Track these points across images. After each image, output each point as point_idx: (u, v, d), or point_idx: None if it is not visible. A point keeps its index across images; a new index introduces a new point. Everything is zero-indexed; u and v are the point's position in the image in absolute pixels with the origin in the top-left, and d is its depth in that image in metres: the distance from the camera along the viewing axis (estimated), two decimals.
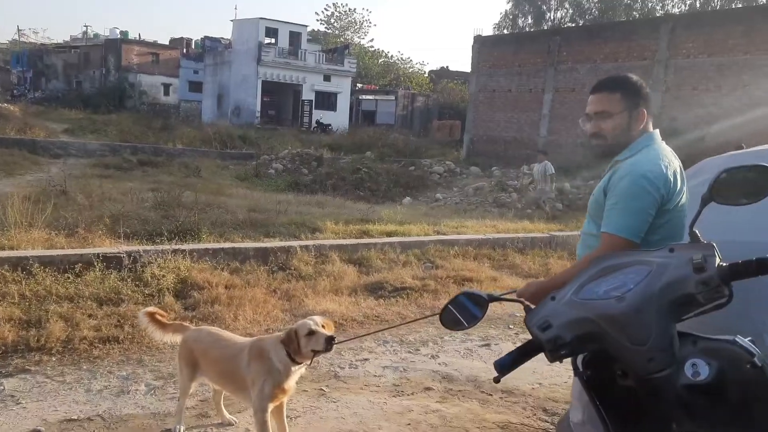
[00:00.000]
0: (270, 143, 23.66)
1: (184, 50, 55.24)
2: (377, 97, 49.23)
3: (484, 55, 26.89)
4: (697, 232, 1.68)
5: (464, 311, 1.95)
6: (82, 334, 4.62)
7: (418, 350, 5.12)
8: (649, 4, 47.55)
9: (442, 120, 41.14)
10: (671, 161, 2.18)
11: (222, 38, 49.71)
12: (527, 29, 45.27)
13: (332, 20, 64.41)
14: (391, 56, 64.40)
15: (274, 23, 39.77)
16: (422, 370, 4.70)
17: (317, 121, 38.44)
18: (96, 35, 59.42)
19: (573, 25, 42.40)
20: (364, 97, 50.77)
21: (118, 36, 54.21)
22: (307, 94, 40.31)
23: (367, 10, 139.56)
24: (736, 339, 1.52)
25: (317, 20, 69.26)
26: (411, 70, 63.24)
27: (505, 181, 16.17)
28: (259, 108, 38.42)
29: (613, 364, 1.63)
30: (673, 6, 46.43)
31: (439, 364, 4.86)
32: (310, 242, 7.40)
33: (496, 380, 1.78)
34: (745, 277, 1.51)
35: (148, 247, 6.31)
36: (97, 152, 18.22)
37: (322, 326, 2.96)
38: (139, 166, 16.23)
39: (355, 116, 47.54)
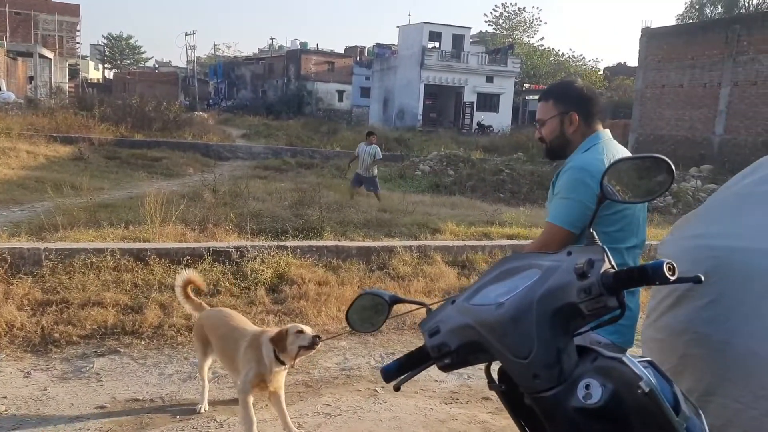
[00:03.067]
0: (425, 145, 23.90)
1: (358, 58, 57.87)
2: None
3: (653, 48, 24.80)
4: (593, 232, 1.43)
5: (369, 312, 1.82)
6: (173, 321, 5.00)
7: None
8: None
9: (615, 119, 38.62)
10: (617, 156, 2.21)
11: (392, 45, 51.38)
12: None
13: (500, 21, 63.49)
14: (562, 54, 61.95)
15: (437, 27, 40.16)
16: None
17: (478, 123, 38.13)
18: (280, 47, 64.54)
19: None
20: (530, 97, 49.41)
21: (299, 47, 58.31)
22: (469, 96, 40.14)
23: (537, 8, 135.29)
24: (623, 358, 1.27)
25: (485, 21, 68.45)
26: (583, 68, 60.32)
27: None
28: (421, 111, 39.04)
29: None
30: None
31: None
32: (413, 243, 7.33)
33: (396, 388, 1.66)
34: (630, 287, 1.27)
35: (255, 243, 6.66)
36: (261, 155, 19.74)
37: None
38: (295, 168, 17.28)
39: (521, 117, 46.44)
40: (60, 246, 5.97)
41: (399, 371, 1.64)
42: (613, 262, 1.30)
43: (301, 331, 3.07)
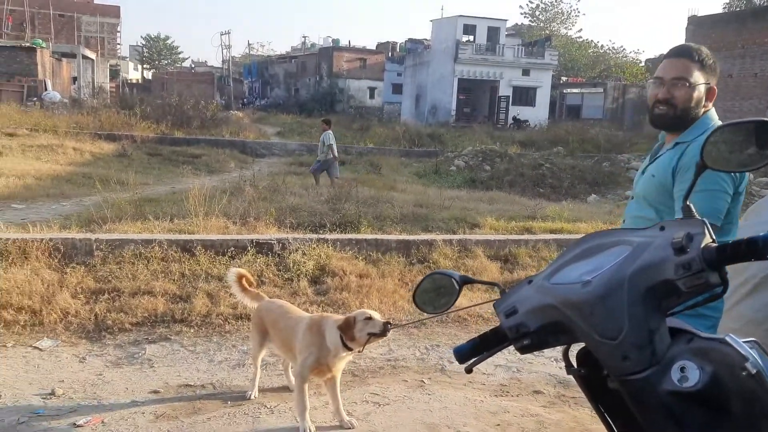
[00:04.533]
0: (459, 141, 23.79)
1: (389, 54, 57.80)
2: (583, 90, 46.79)
3: (700, 37, 24.12)
4: (690, 205, 1.36)
5: (431, 294, 1.79)
6: (220, 310, 5.10)
7: (542, 351, 4.77)
8: None
9: None
10: None
11: (424, 40, 51.16)
12: None
13: (537, 12, 62.67)
14: (601, 46, 60.92)
15: (472, 20, 39.79)
16: (538, 372, 4.40)
17: (513, 117, 37.72)
18: (312, 45, 64.83)
19: None
20: (568, 90, 48.66)
21: (330, 44, 58.51)
22: (504, 90, 39.71)
23: None
24: (726, 338, 1.20)
25: (521, 14, 67.56)
26: (624, 59, 59.22)
27: None
28: (454, 106, 38.76)
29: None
30: None
31: (561, 368, 4.48)
32: (454, 236, 7.31)
33: (468, 371, 1.62)
34: (735, 261, 1.19)
35: (296, 235, 6.74)
36: (296, 152, 19.91)
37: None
38: None
39: (558, 111, 45.80)
40: (110, 237, 6.12)
41: (472, 352, 1.58)
42: (713, 236, 1.23)
43: (369, 318, 3.08)
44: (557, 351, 4.95)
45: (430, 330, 5.15)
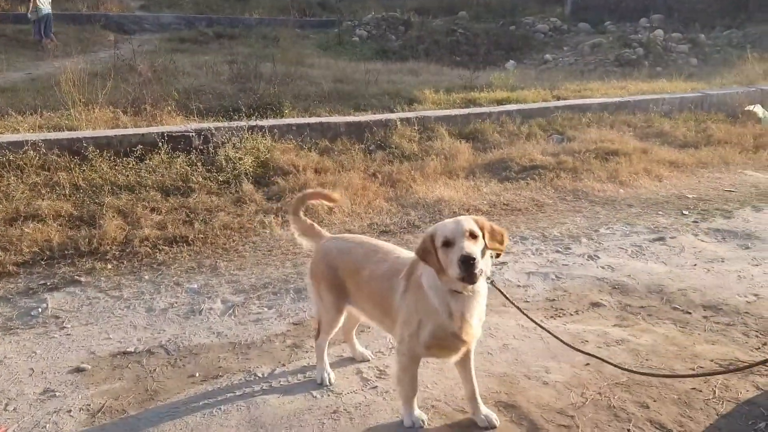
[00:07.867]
0: (351, 9, 21.75)
1: None
2: None
3: None
4: None
5: None
6: (144, 233, 3.72)
7: (569, 248, 3.90)
8: None
9: None
10: None
11: None
12: None
13: None
14: None
15: None
16: (582, 276, 3.52)
17: None
18: None
19: None
20: None
21: None
22: None
23: None
24: None
25: None
26: None
27: (627, 36, 13.78)
28: None
29: None
30: None
31: (603, 267, 3.64)
32: (411, 114, 6.13)
33: None
34: None
35: (220, 124, 5.29)
36: (172, 26, 17.16)
37: (477, 231, 1.89)
38: (215, 39, 15.11)
39: None
40: None
41: None
42: None
43: (448, 243, 1.86)
44: (585, 246, 4.11)
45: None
